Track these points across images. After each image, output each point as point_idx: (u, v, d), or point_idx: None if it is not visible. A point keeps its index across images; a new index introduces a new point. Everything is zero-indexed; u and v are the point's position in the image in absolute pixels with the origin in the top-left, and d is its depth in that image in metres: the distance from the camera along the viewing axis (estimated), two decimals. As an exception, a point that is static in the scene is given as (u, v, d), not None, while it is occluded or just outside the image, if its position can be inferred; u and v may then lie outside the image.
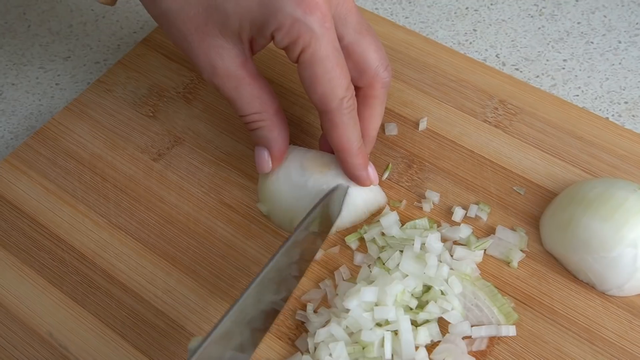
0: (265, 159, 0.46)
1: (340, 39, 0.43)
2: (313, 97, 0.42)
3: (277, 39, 0.40)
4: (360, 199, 0.47)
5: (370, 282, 0.45)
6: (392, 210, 0.49)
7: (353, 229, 0.49)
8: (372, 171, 0.47)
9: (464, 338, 0.43)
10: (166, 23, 0.43)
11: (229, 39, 0.41)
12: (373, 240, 0.47)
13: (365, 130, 0.46)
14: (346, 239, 0.48)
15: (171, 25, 0.42)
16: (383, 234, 0.47)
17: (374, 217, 0.49)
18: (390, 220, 0.48)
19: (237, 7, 0.40)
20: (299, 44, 0.40)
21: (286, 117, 0.46)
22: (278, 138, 0.45)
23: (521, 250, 0.47)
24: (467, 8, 0.63)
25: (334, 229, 0.48)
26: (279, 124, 0.45)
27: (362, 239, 0.48)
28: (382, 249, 0.47)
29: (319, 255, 0.47)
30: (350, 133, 0.44)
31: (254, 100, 0.43)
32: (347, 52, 0.44)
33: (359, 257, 0.47)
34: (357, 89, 0.46)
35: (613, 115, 0.55)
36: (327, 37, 0.40)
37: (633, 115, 0.55)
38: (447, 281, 0.44)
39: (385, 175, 0.51)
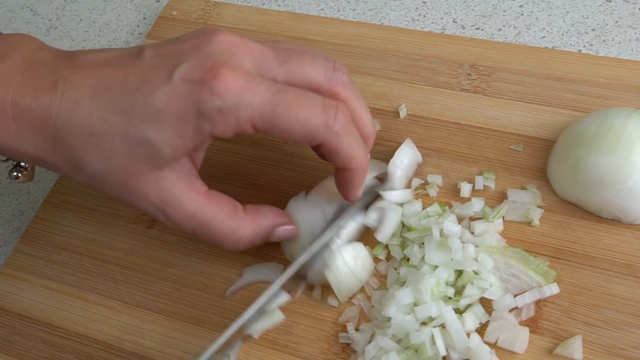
0: (285, 232, 0.44)
1: (276, 81, 0.40)
2: (296, 143, 0.40)
3: (221, 133, 0.38)
4: (400, 213, 0.46)
5: (401, 283, 0.44)
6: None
7: (375, 241, 0.46)
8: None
9: (510, 311, 0.42)
10: (99, 185, 0.40)
11: (162, 166, 0.39)
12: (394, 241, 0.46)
13: (358, 130, 0.42)
14: (373, 251, 0.46)
15: (104, 184, 0.40)
16: (401, 234, 0.46)
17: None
18: (415, 208, 0.46)
19: (157, 133, 0.37)
20: (243, 123, 0.37)
21: (253, 206, 0.43)
22: (270, 221, 0.43)
23: (538, 207, 0.46)
24: (409, -17, 0.62)
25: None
26: (256, 219, 0.43)
27: (386, 248, 0.46)
28: (404, 246, 0.45)
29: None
30: (355, 150, 0.41)
31: (222, 224, 0.41)
32: (292, 83, 0.40)
33: (383, 266, 0.46)
34: None
35: (585, 46, 0.55)
36: (260, 95, 0.37)
37: (604, 41, 0.54)
38: (476, 260, 0.43)
39: (383, 172, 0.50)
